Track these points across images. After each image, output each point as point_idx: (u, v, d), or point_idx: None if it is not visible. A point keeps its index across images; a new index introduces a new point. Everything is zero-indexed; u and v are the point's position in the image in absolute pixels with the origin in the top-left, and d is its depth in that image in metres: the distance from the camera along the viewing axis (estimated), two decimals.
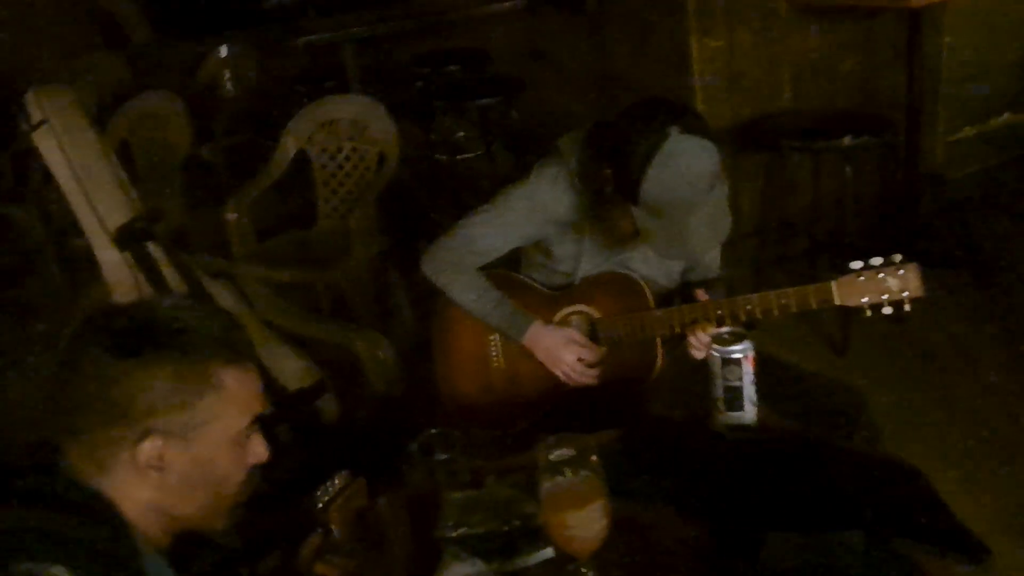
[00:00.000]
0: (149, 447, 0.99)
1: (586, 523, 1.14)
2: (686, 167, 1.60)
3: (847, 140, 2.93)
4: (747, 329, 1.81)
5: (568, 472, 1.17)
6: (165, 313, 1.04)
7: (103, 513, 0.98)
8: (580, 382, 1.90)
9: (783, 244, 3.60)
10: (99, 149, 2.11)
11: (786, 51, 3.50)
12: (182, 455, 1.02)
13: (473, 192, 4.58)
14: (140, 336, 1.00)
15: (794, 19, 3.46)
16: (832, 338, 3.20)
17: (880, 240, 3.64)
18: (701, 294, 1.81)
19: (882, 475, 1.32)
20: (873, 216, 3.76)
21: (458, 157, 4.53)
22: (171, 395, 1.00)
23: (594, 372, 1.90)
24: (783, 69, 3.54)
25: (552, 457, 1.17)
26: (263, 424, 1.14)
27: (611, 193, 1.73)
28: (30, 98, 2.02)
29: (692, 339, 1.75)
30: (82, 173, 2.05)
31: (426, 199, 4.63)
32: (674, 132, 1.58)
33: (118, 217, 2.10)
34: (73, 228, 3.95)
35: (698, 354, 1.77)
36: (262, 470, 1.18)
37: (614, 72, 3.88)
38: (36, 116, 2.01)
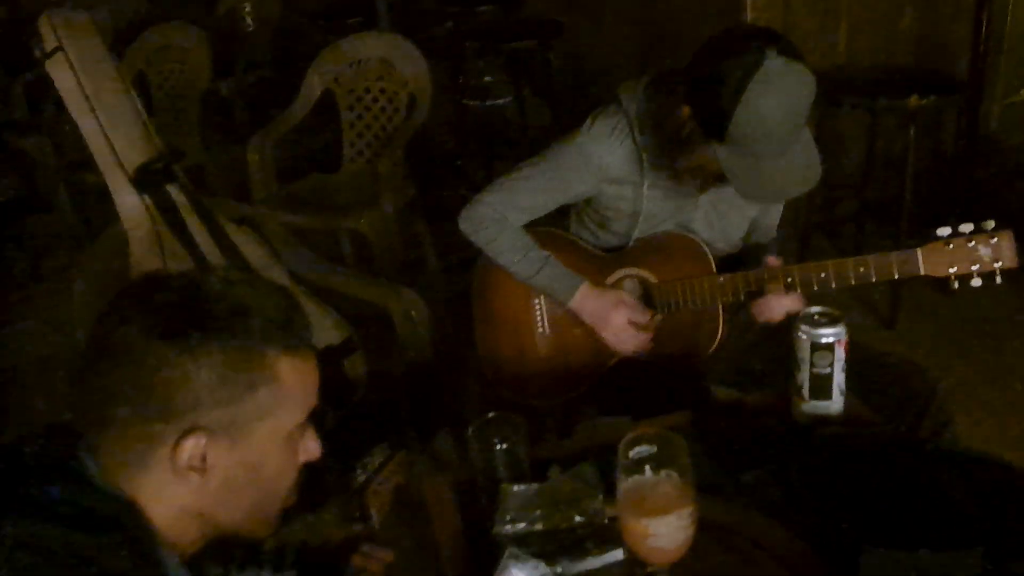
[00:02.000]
0: (191, 446, 0.85)
1: (670, 531, 1.00)
2: (785, 94, 1.41)
3: (913, 100, 2.73)
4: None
5: (651, 471, 1.03)
6: (216, 289, 0.88)
7: (127, 525, 0.84)
8: (629, 349, 1.76)
9: (830, 207, 3.44)
10: (117, 81, 1.94)
11: (843, 3, 3.31)
12: (228, 456, 0.88)
13: (503, 140, 4.41)
14: (187, 316, 0.85)
15: None
16: (880, 310, 3.05)
17: (932, 205, 3.47)
18: (773, 260, 1.66)
19: (991, 482, 1.18)
20: (925, 180, 3.59)
21: (487, 103, 4.33)
22: (219, 388, 0.85)
23: (644, 338, 1.75)
24: (840, 21, 3.34)
25: (632, 454, 1.03)
26: None
27: (687, 135, 1.55)
28: (43, 23, 1.86)
29: (763, 304, 1.62)
30: (98, 107, 1.89)
31: (453, 146, 4.46)
32: (771, 55, 1.39)
33: (137, 156, 1.94)
34: (87, 163, 3.84)
35: (762, 317, 1.65)
36: None
37: (659, 17, 3.68)
38: (50, 43, 1.84)
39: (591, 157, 1.69)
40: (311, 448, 0.97)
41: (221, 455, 0.88)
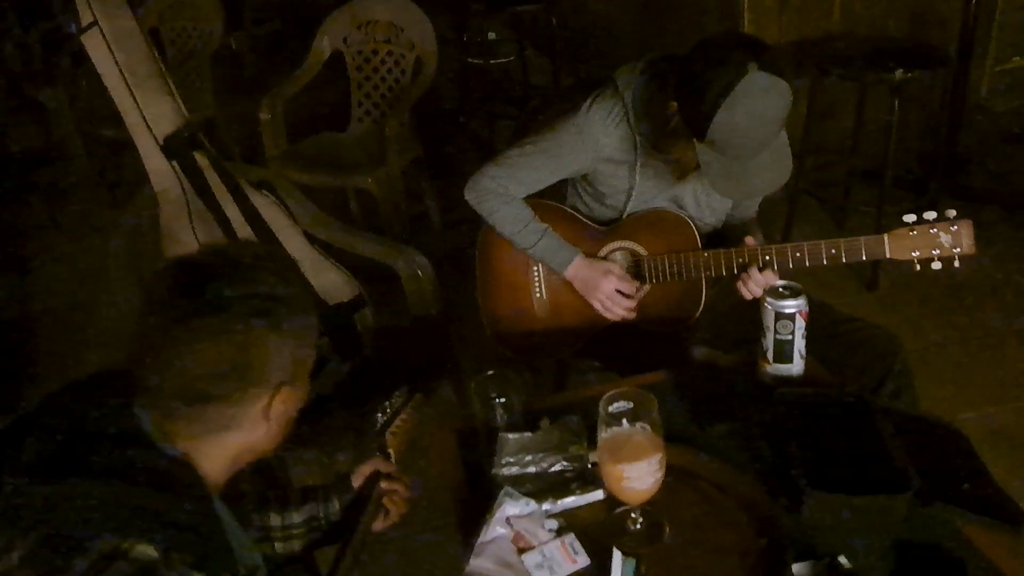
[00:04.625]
0: (281, 399, 1.04)
1: (642, 475, 1.18)
2: (761, 106, 1.55)
3: (898, 74, 2.85)
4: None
5: (627, 424, 1.20)
6: (264, 275, 1.03)
7: (187, 482, 0.99)
8: (615, 314, 1.91)
9: (819, 172, 3.56)
10: (148, 53, 2.07)
11: None
12: (291, 397, 1.07)
13: (505, 97, 4.51)
14: (270, 302, 1.01)
15: None
16: (862, 273, 3.20)
17: (918, 172, 3.60)
18: (750, 240, 1.80)
19: (928, 439, 1.35)
20: (913, 145, 3.70)
21: (491, 61, 4.43)
22: (298, 351, 1.05)
23: (630, 305, 1.90)
24: None
25: (611, 409, 1.20)
26: None
27: (673, 127, 1.69)
28: None
29: (745, 282, 1.76)
30: (131, 79, 2.02)
31: (456, 103, 4.56)
32: (753, 69, 1.52)
33: (166, 124, 2.08)
34: (103, 116, 3.97)
35: (747, 294, 1.78)
36: None
37: None
38: (86, 18, 1.96)
39: (589, 138, 1.82)
40: None
41: (287, 399, 1.06)
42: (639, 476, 1.18)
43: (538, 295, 1.98)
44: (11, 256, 4.00)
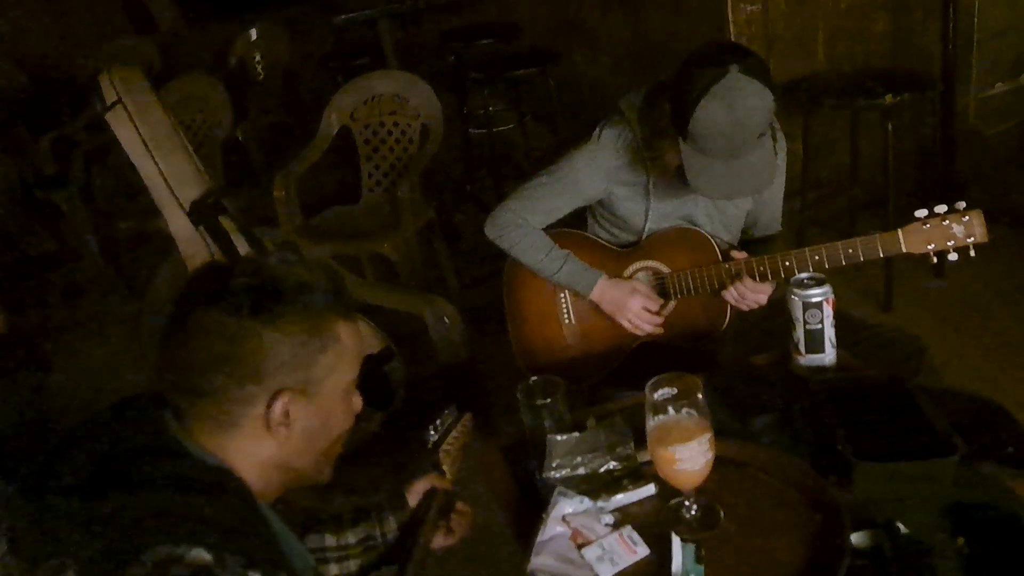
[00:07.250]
0: (280, 405, 1.00)
1: (693, 455, 1.20)
2: (738, 105, 1.61)
3: (888, 98, 2.95)
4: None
5: (673, 410, 1.23)
6: (281, 271, 1.02)
7: (230, 487, 0.98)
8: (645, 330, 1.95)
9: (822, 205, 3.63)
10: (170, 126, 2.17)
11: (819, 13, 3.52)
12: (306, 409, 1.03)
13: (508, 163, 4.62)
14: (266, 295, 0.99)
15: None
16: (877, 295, 3.24)
17: (918, 197, 3.67)
18: (737, 254, 1.86)
19: (967, 410, 1.37)
20: (910, 174, 3.78)
21: (492, 130, 4.56)
22: (299, 352, 1.00)
23: (659, 320, 1.95)
24: (817, 31, 3.55)
25: (657, 396, 1.23)
26: None
27: (664, 127, 1.76)
28: (103, 79, 2.08)
29: (734, 289, 1.82)
30: (155, 150, 2.11)
31: (462, 172, 4.67)
32: (734, 70, 1.60)
33: (190, 191, 2.16)
34: (117, 212, 4.07)
35: (737, 304, 1.84)
36: None
37: (649, 42, 3.90)
38: (110, 96, 2.06)
39: (602, 162, 1.90)
40: (357, 402, 1.12)
41: (301, 409, 1.03)
42: (690, 456, 1.20)
43: (567, 321, 2.02)
44: (33, 355, 4.04)
